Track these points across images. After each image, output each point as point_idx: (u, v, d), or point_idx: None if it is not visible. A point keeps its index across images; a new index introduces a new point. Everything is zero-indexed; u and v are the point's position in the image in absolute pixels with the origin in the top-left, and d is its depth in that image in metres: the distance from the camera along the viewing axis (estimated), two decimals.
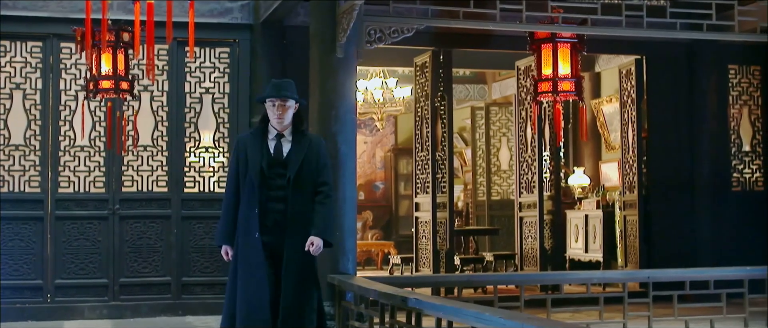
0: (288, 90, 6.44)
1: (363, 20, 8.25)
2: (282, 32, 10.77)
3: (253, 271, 6.36)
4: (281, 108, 6.39)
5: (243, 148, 6.48)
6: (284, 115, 6.41)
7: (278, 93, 6.40)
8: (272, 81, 6.58)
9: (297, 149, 6.43)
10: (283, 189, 6.37)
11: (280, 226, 6.37)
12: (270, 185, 6.38)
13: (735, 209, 11.92)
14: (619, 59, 12.75)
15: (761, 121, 12.22)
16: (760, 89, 12.23)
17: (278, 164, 6.40)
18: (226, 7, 10.74)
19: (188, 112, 10.84)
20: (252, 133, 6.63)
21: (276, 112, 6.41)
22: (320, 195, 6.46)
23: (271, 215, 6.37)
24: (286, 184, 6.36)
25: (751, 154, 12.17)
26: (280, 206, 6.36)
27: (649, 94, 12.00)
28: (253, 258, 6.35)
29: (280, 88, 6.43)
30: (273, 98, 6.40)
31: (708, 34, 9.51)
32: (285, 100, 6.40)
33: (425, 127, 12.09)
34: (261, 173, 6.36)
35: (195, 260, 10.74)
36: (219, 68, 10.93)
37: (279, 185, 6.38)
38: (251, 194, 6.36)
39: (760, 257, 11.43)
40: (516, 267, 12.73)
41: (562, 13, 9.34)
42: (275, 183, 6.39)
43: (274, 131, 6.46)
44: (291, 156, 6.41)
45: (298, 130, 6.53)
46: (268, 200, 6.36)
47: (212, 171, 10.87)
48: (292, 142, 6.46)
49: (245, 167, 6.40)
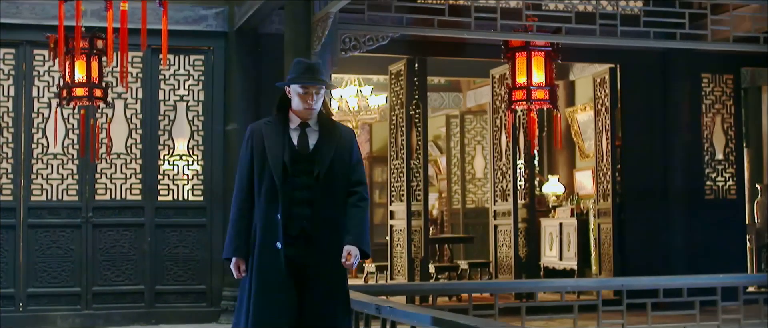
0: (322, 73, 5.39)
1: (338, 28, 8.25)
2: (257, 40, 10.75)
3: (273, 292, 5.24)
4: (314, 95, 5.30)
5: (258, 140, 5.34)
6: (316, 104, 5.32)
7: (313, 77, 5.31)
8: (300, 61, 5.46)
9: (326, 141, 5.33)
10: (309, 189, 5.25)
11: (306, 235, 5.24)
12: (294, 184, 5.25)
13: (708, 217, 11.96)
14: (593, 68, 12.79)
15: (734, 130, 12.28)
16: (733, 98, 12.28)
17: (304, 159, 5.28)
18: (200, 15, 10.71)
19: (162, 119, 10.80)
20: (268, 122, 5.42)
21: (306, 100, 5.29)
22: (354, 197, 5.35)
23: (296, 222, 5.22)
24: (313, 183, 5.25)
25: (724, 163, 12.22)
26: (306, 210, 5.23)
27: (623, 103, 12.04)
28: (272, 276, 5.23)
29: (314, 71, 5.34)
30: (305, 84, 5.28)
31: (681, 43, 9.56)
32: (319, 87, 5.31)
33: (400, 135, 12.09)
34: (283, 169, 5.24)
35: (169, 269, 10.69)
36: (193, 76, 10.90)
37: (304, 184, 5.26)
38: (272, 196, 5.23)
39: (733, 265, 11.50)
40: (490, 275, 12.73)
41: (537, 21, 9.37)
42: (300, 182, 5.26)
43: (297, 120, 5.35)
44: (319, 149, 5.31)
45: (326, 119, 5.44)
46: (291, 204, 5.22)
47: (186, 179, 10.83)
48: (320, 132, 5.36)
49: (262, 162, 5.28)
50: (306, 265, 5.23)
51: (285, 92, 5.41)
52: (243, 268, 5.33)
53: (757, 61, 12.35)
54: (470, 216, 15.84)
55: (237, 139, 10.61)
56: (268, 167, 5.26)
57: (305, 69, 5.36)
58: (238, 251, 5.32)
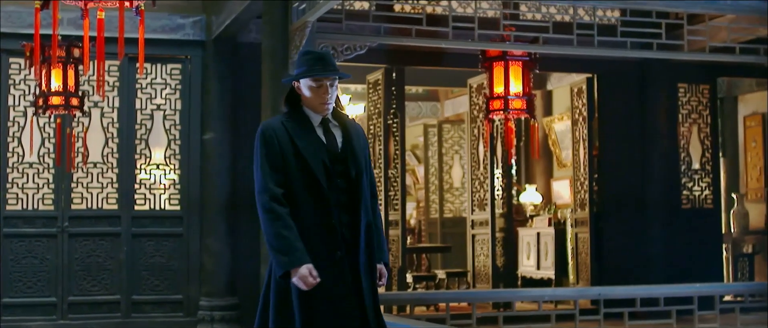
0: (334, 63, 4.84)
1: (315, 37, 8.24)
2: (234, 49, 10.72)
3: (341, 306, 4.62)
4: (328, 88, 4.74)
5: (285, 138, 4.71)
6: (331, 98, 4.78)
7: (325, 68, 4.75)
8: (309, 51, 4.89)
9: (351, 138, 4.79)
10: (346, 193, 4.72)
11: (349, 245, 4.68)
12: (333, 186, 4.69)
13: (685, 226, 12.00)
14: (570, 77, 12.83)
15: (710, 140, 12.33)
16: (709, 108, 12.34)
17: (338, 160, 4.75)
18: (177, 24, 10.68)
19: (139, 128, 10.75)
20: (289, 119, 4.79)
21: (320, 95, 4.73)
22: (375, 201, 4.88)
23: (339, 230, 4.67)
24: (352, 185, 4.72)
25: (700, 172, 12.27)
26: (346, 216, 4.69)
27: (601, 112, 12.07)
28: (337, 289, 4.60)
29: (326, 62, 4.76)
30: (320, 77, 4.73)
31: (658, 53, 9.60)
32: (334, 79, 4.78)
33: (378, 144, 12.09)
34: (326, 170, 4.67)
35: (145, 278, 10.63)
36: (170, 84, 10.86)
37: (342, 188, 4.72)
38: (316, 199, 4.64)
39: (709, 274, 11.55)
40: (468, 284, 12.73)
41: (514, 31, 9.40)
42: (338, 184, 4.72)
43: (318, 117, 4.78)
44: (348, 148, 4.77)
45: (340, 114, 4.88)
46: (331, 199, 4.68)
47: (163, 188, 10.78)
48: (342, 130, 4.82)
49: (297, 163, 4.68)
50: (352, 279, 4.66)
51: (293, 87, 4.83)
52: (315, 273, 4.54)
53: (733, 71, 12.43)
54: (448, 225, 15.85)
55: (214, 148, 10.59)
56: (306, 169, 4.65)
57: (316, 59, 4.78)
58: (304, 257, 4.55)
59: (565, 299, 10.79)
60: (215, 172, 10.61)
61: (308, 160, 4.65)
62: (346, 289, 4.61)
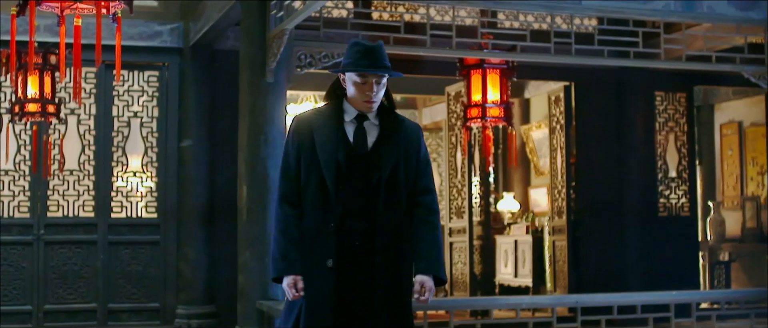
0: (384, 58, 4.47)
1: (293, 45, 8.24)
2: (212, 56, 10.70)
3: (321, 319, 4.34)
4: (374, 86, 4.41)
5: (306, 133, 4.43)
6: (377, 96, 4.44)
7: (373, 63, 4.40)
8: (357, 43, 4.51)
9: (388, 139, 4.41)
10: (364, 197, 4.35)
11: (361, 255, 4.34)
12: (348, 189, 4.35)
13: (662, 234, 12.03)
14: (548, 85, 12.85)
15: (687, 148, 12.37)
16: (686, 116, 12.38)
17: (361, 160, 4.37)
18: (155, 31, 10.65)
19: (116, 135, 10.71)
20: (318, 112, 4.56)
21: (364, 92, 4.41)
22: (421, 209, 4.43)
23: (348, 237, 4.33)
24: (372, 189, 4.34)
25: (677, 180, 12.31)
26: (360, 223, 4.33)
27: (578, 120, 12.10)
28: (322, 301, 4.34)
29: (375, 56, 4.40)
30: (363, 72, 4.40)
31: (635, 62, 9.62)
32: (381, 76, 4.44)
33: None
34: (337, 170, 4.34)
35: (122, 287, 10.58)
36: (147, 92, 10.82)
37: (360, 191, 4.35)
38: (322, 202, 4.35)
39: (686, 281, 11.58)
40: (446, 292, 12.73)
41: (492, 39, 9.40)
42: (355, 187, 4.36)
43: (354, 111, 4.47)
44: (380, 148, 4.39)
45: (388, 111, 4.53)
46: (344, 214, 4.34)
47: (140, 196, 10.74)
48: (381, 127, 4.46)
49: (310, 160, 4.39)
50: (361, 292, 4.32)
51: (339, 79, 4.56)
52: (300, 286, 4.33)
53: (710, 79, 12.48)
54: None
55: (192, 155, 10.56)
56: (319, 167, 4.36)
57: (364, 53, 4.41)
58: (292, 267, 4.35)
59: (542, 306, 10.78)
60: (192, 179, 10.57)
61: (321, 158, 4.36)
62: (330, 302, 4.29)
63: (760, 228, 13.99)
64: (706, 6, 8.97)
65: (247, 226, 8.35)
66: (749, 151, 14.70)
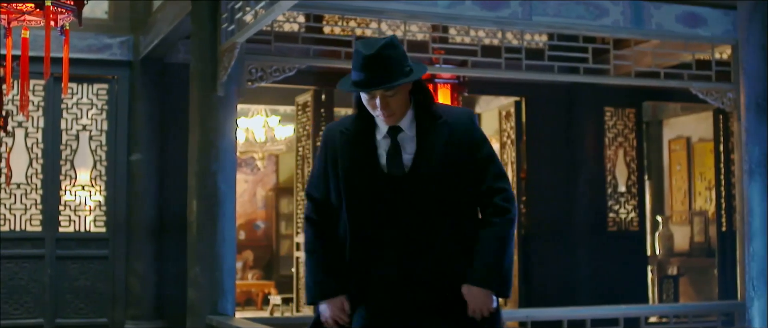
0: (387, 70, 3.55)
1: (244, 59, 8.19)
2: (162, 69, 10.64)
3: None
4: (382, 102, 3.60)
5: (333, 148, 3.75)
6: (389, 110, 3.61)
7: (371, 79, 3.56)
8: (357, 51, 3.67)
9: (427, 150, 3.60)
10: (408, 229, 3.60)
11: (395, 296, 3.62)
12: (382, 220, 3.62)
13: (611, 248, 12.11)
14: (499, 100, 12.91)
15: (636, 163, 12.47)
16: (635, 131, 12.49)
17: (396, 186, 3.61)
18: (104, 43, 10.57)
19: (64, 149, 10.61)
20: (351, 124, 3.76)
21: (374, 109, 3.65)
22: (488, 211, 3.62)
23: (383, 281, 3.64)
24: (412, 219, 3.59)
25: (626, 195, 12.40)
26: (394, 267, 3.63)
27: (529, 135, 12.16)
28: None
29: (373, 68, 3.56)
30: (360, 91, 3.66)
31: (585, 77, 9.68)
32: (386, 91, 3.58)
33: (307, 166, 12.05)
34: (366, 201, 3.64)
35: (70, 302, 10.46)
36: (97, 105, 10.73)
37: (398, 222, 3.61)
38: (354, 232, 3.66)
39: (635, 295, 11.66)
40: None
41: (443, 54, 9.43)
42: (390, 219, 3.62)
43: (385, 126, 3.67)
44: (418, 167, 3.60)
45: (426, 111, 3.67)
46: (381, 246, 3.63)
47: (89, 210, 10.64)
48: (419, 136, 3.64)
49: (340, 181, 3.69)
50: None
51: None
52: (347, 307, 3.67)
53: (658, 95, 12.61)
54: None
55: (141, 169, 10.48)
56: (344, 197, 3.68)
57: (361, 64, 3.60)
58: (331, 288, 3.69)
59: None
60: (142, 194, 10.50)
61: (346, 187, 3.67)
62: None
63: (708, 243, 14.13)
64: (655, 23, 9.05)
65: (197, 240, 8.29)
66: (697, 166, 14.86)
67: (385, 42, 3.60)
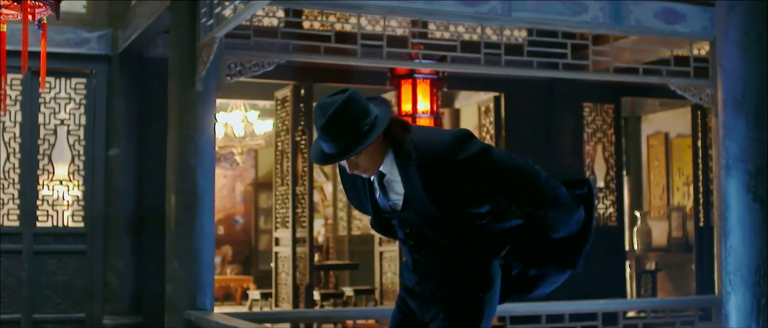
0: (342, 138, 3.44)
1: (223, 53, 8.18)
2: (141, 64, 10.60)
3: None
4: (350, 165, 3.57)
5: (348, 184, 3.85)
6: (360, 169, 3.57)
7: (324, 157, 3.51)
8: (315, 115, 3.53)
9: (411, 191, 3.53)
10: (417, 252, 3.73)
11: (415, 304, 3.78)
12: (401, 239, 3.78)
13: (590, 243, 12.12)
14: (478, 96, 12.92)
15: (614, 158, 12.52)
16: (614, 127, 12.53)
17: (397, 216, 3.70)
18: (83, 38, 10.52)
19: (42, 144, 10.55)
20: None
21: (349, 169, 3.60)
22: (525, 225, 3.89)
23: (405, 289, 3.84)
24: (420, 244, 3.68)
25: (604, 190, 12.44)
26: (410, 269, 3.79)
27: (508, 131, 12.18)
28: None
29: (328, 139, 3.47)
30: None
31: (563, 73, 9.71)
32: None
33: (285, 161, 12.04)
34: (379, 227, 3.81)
35: (47, 297, 10.41)
36: (75, 99, 10.68)
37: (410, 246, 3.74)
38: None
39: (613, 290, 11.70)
40: (375, 302, 12.72)
41: (422, 49, 9.43)
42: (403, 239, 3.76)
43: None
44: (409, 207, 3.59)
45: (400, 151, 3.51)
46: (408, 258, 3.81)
47: (66, 205, 10.59)
48: (402, 179, 3.55)
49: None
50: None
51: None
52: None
53: (637, 91, 12.64)
54: (356, 243, 15.82)
55: (120, 164, 10.45)
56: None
57: (319, 135, 3.52)
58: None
59: None
60: (120, 189, 10.46)
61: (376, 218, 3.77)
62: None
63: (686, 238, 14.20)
64: (634, 19, 9.08)
65: (176, 236, 8.28)
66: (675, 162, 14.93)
67: (336, 107, 3.45)
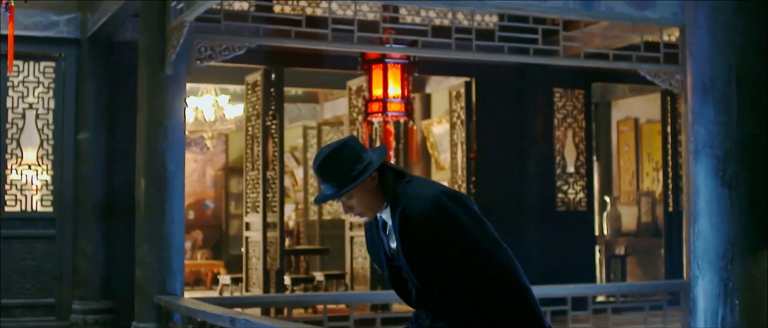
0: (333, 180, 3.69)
1: (193, 37, 8.15)
2: (110, 47, 10.53)
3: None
4: (344, 207, 3.80)
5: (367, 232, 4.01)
6: (354, 212, 3.79)
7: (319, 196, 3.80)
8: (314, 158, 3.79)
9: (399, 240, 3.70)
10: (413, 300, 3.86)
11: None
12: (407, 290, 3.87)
13: (560, 228, 12.19)
14: (449, 81, 12.94)
15: (585, 144, 12.56)
16: (584, 112, 12.57)
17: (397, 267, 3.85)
18: (51, 21, 10.44)
19: (10, 128, 10.47)
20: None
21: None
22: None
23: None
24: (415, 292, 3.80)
25: (575, 176, 12.49)
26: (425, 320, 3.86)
27: (478, 116, 12.20)
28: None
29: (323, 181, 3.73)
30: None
31: (534, 59, 9.73)
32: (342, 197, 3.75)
33: (256, 145, 12.01)
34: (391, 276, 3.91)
35: (16, 282, 10.34)
36: (43, 83, 10.60)
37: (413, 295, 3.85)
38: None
39: (582, 275, 11.76)
40: (346, 287, 12.73)
41: (393, 34, 9.43)
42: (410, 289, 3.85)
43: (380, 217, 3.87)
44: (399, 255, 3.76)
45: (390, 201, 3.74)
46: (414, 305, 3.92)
47: (35, 189, 10.52)
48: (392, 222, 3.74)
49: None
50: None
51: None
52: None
53: (607, 77, 12.69)
54: (326, 228, 15.83)
55: (89, 148, 10.39)
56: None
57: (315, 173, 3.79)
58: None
59: None
60: (90, 173, 10.40)
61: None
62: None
63: (655, 223, 14.29)
64: (604, 5, 9.11)
65: (145, 220, 8.25)
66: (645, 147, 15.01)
67: (330, 151, 3.71)
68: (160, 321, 7.93)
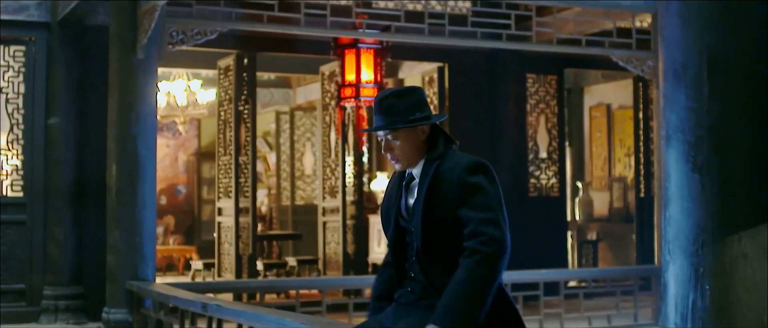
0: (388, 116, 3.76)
1: (165, 21, 8.11)
2: (81, 32, 10.45)
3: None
4: (385, 145, 3.86)
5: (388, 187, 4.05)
6: (392, 154, 3.85)
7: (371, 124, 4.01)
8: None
9: (421, 192, 3.75)
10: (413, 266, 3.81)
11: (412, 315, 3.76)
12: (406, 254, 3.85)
13: (532, 214, 12.22)
14: (422, 66, 12.94)
15: (557, 129, 12.60)
16: (556, 98, 12.61)
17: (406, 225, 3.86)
18: (21, 4, 10.35)
19: None
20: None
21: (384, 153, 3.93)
22: (466, 252, 3.71)
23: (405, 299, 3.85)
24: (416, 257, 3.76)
25: (547, 161, 12.53)
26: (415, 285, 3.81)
27: (451, 101, 12.21)
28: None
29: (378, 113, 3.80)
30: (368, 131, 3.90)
31: (507, 44, 9.74)
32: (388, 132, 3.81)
33: (229, 130, 11.98)
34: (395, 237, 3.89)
35: None
36: (13, 67, 10.52)
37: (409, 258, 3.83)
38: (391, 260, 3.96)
39: (554, 260, 11.80)
40: (319, 272, 12.73)
41: (366, 19, 9.41)
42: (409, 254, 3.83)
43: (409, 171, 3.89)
44: (415, 210, 3.77)
45: (429, 158, 3.80)
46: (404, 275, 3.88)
47: (5, 174, 10.44)
48: (420, 182, 3.78)
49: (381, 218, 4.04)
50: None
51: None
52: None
53: (580, 62, 12.72)
54: (299, 213, 15.82)
55: (60, 133, 10.32)
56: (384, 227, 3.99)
57: (374, 109, 3.87)
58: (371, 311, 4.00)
59: None
60: (60, 158, 10.33)
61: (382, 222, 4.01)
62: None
63: (627, 208, 14.36)
64: None
65: (117, 206, 8.22)
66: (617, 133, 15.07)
67: (396, 90, 3.87)
68: (132, 307, 7.91)
